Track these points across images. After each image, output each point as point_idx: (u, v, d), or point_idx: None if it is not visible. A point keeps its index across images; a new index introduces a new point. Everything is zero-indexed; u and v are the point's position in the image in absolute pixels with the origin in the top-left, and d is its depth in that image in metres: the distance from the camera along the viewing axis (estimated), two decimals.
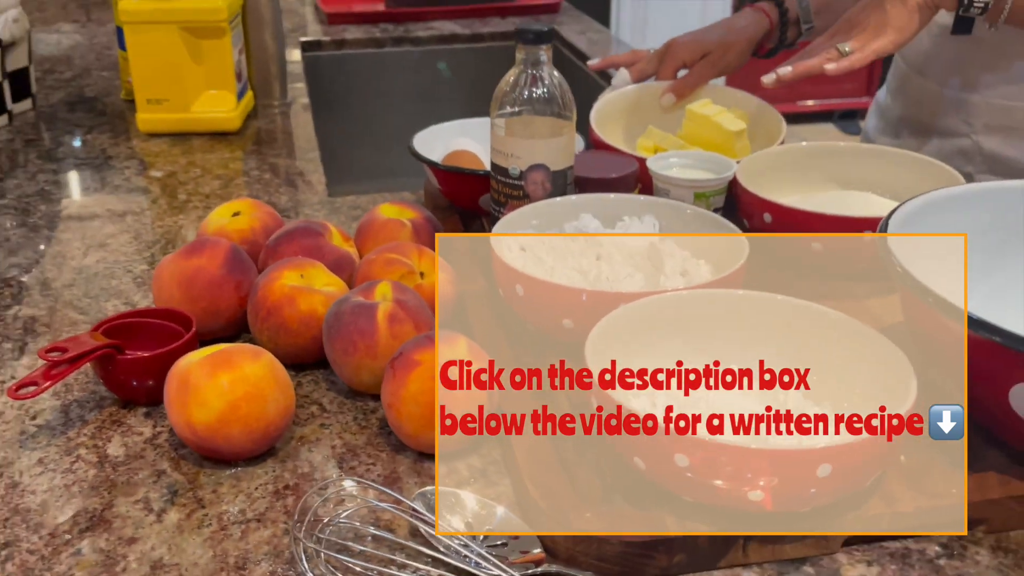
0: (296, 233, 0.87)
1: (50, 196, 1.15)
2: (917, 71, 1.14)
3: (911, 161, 0.97)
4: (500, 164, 0.89)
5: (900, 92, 1.19)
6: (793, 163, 1.00)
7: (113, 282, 0.95)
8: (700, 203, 0.93)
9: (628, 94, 1.16)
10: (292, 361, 0.80)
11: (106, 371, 0.75)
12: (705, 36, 1.14)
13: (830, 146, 1.02)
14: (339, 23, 1.92)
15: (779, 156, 1.00)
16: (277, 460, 0.71)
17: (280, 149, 1.32)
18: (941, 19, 1.09)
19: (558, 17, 1.99)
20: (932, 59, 1.11)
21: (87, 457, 0.71)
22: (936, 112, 1.11)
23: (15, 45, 1.34)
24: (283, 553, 0.62)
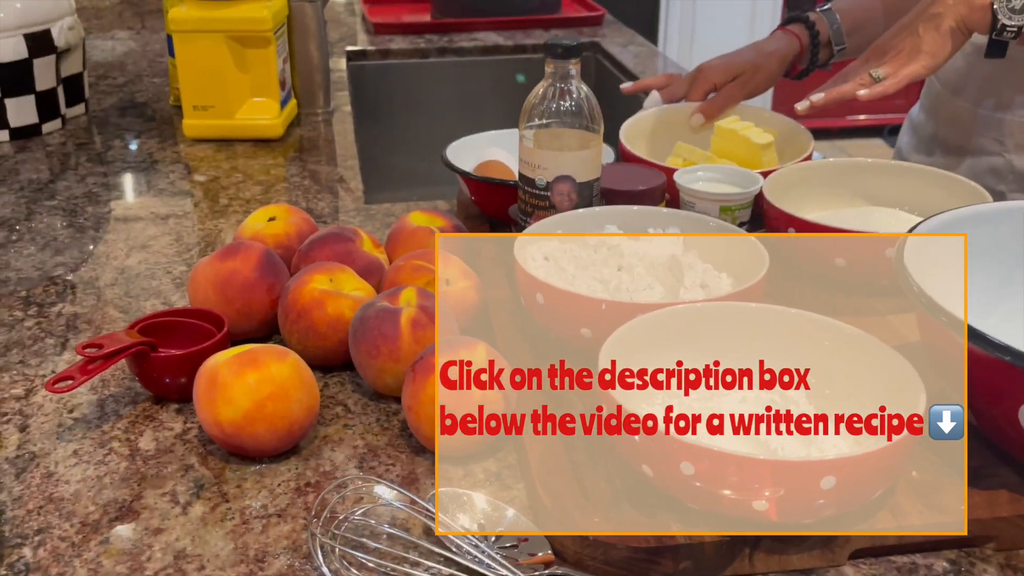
0: (328, 239, 0.89)
1: (98, 198, 1.19)
2: (951, 91, 1.14)
3: (938, 178, 0.97)
4: (527, 175, 0.91)
5: (933, 111, 1.19)
6: (821, 179, 1.01)
7: (153, 282, 0.98)
8: (726, 216, 0.94)
9: (658, 113, 1.17)
10: (320, 363, 0.83)
11: (140, 368, 0.78)
12: (735, 59, 1.15)
13: (858, 162, 1.02)
14: (385, 33, 1.96)
15: (806, 171, 1.01)
16: (300, 458, 0.73)
17: (321, 156, 1.35)
18: (976, 39, 1.08)
19: (601, 30, 2.00)
20: (966, 79, 1.11)
21: (119, 450, 0.73)
22: (970, 131, 1.11)
23: (70, 52, 1.39)
24: (301, 548, 0.64)
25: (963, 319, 0.63)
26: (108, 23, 2.01)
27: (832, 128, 4.32)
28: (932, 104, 1.19)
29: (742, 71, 1.13)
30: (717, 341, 0.72)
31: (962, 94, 1.12)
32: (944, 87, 1.15)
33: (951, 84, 1.14)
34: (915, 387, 0.63)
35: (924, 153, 1.19)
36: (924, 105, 1.22)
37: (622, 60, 1.79)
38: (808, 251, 0.91)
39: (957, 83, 1.13)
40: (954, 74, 1.13)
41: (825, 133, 4.31)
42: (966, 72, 1.11)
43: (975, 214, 0.78)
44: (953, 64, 1.12)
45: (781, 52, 1.14)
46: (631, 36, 1.96)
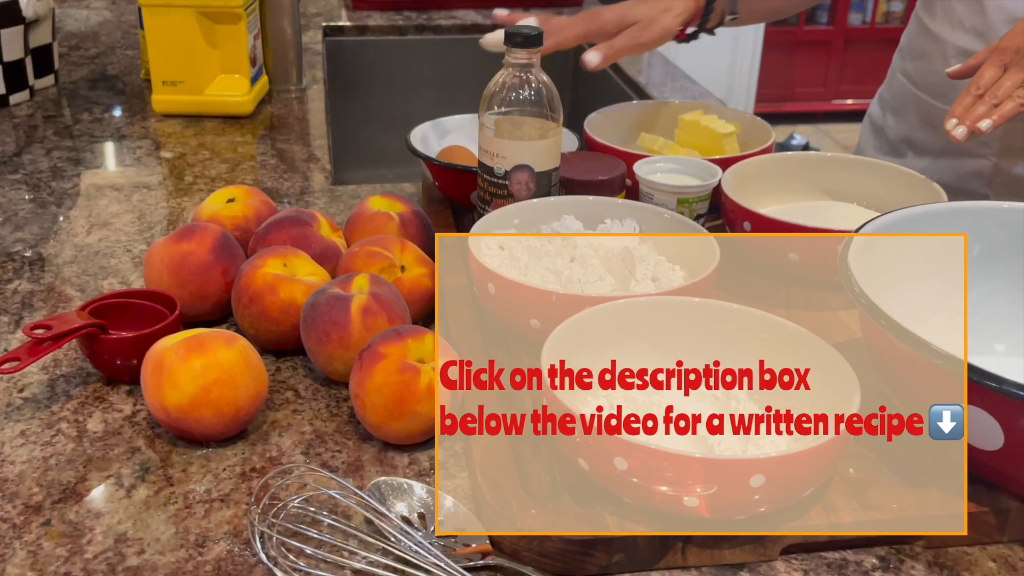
0: (285, 222, 0.89)
1: (62, 173, 1.18)
2: (931, 95, 1.12)
3: (897, 174, 0.98)
4: (486, 163, 0.91)
5: (903, 112, 1.18)
6: (780, 172, 1.01)
7: (112, 261, 0.98)
8: (683, 208, 0.94)
9: (625, 109, 1.16)
10: (272, 348, 0.83)
11: (91, 349, 0.78)
12: (630, 10, 1.06)
13: (817, 156, 1.03)
14: (364, 8, 1.95)
15: (766, 165, 1.01)
16: (248, 443, 0.73)
17: (290, 134, 1.35)
18: (960, 42, 1.08)
19: (579, 10, 2.00)
20: (950, 84, 1.08)
21: (67, 431, 0.74)
22: None
23: (38, 22, 1.38)
24: (242, 533, 0.65)
25: (900, 322, 0.63)
26: None
27: (817, 112, 4.33)
28: (903, 106, 1.18)
29: (636, 21, 1.05)
30: (661, 335, 0.73)
31: (944, 98, 1.10)
32: (921, 90, 1.14)
33: (931, 88, 1.12)
34: (851, 387, 0.64)
35: (893, 155, 1.18)
36: (892, 106, 1.20)
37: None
38: (762, 246, 0.91)
39: (938, 87, 1.11)
40: (935, 78, 1.11)
41: (809, 117, 4.32)
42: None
43: (924, 214, 0.78)
44: (932, 68, 1.11)
45: (678, 8, 1.06)
46: None
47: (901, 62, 1.20)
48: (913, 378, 0.65)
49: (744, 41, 3.85)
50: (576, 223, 0.89)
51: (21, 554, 0.62)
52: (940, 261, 0.79)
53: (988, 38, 1.05)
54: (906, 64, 1.18)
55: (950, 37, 1.10)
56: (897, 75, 1.20)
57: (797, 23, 4.15)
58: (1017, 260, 0.79)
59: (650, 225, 0.89)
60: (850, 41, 4.26)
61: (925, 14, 1.14)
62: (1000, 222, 0.79)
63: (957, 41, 1.09)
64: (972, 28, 1.07)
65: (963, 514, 0.64)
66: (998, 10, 1.04)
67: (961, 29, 1.08)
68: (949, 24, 1.10)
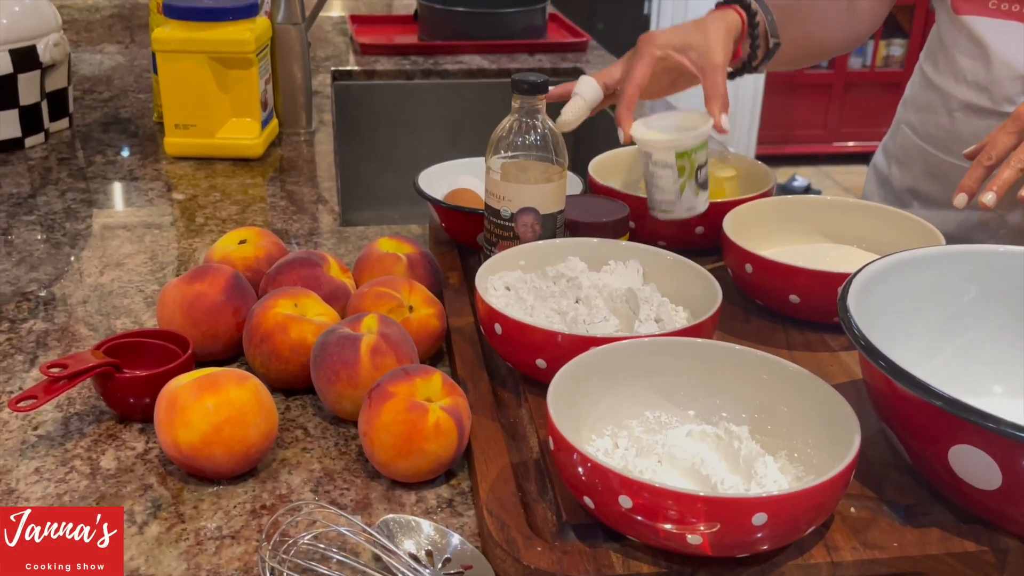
0: (295, 263, 0.91)
1: (76, 214, 1.21)
2: (935, 146, 1.13)
3: (896, 218, 1.00)
4: (493, 206, 0.93)
5: (909, 164, 1.18)
6: (781, 215, 1.03)
7: (125, 301, 1.00)
8: (683, 162, 0.93)
9: (628, 153, 1.18)
10: (283, 386, 0.84)
11: (105, 388, 0.79)
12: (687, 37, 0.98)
13: (817, 200, 1.05)
14: (372, 54, 1.98)
15: (767, 208, 1.03)
16: (258, 480, 0.75)
17: (300, 176, 1.37)
18: (965, 96, 1.08)
19: (585, 56, 2.03)
20: (954, 136, 1.10)
21: (81, 468, 0.75)
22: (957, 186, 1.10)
23: (55, 67, 1.41)
24: (252, 569, 0.66)
25: (903, 368, 0.65)
26: (97, 37, 2.03)
27: (818, 154, 4.37)
28: (908, 157, 1.18)
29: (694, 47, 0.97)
30: (664, 376, 0.74)
31: (949, 151, 1.10)
32: (927, 143, 1.14)
33: (935, 140, 1.13)
34: (851, 427, 0.65)
35: (899, 205, 1.17)
36: (897, 157, 1.20)
37: None
38: (763, 287, 0.93)
39: (943, 140, 1.11)
40: (939, 130, 1.12)
41: (811, 159, 4.35)
42: (952, 129, 1.10)
43: (922, 257, 0.80)
44: (936, 120, 1.12)
45: (725, 29, 0.99)
46: (612, 62, 1.99)
47: (905, 113, 1.20)
48: (912, 419, 0.66)
49: (745, 84, 3.90)
50: (580, 264, 0.90)
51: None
52: (937, 303, 0.80)
53: (992, 93, 1.06)
54: (910, 116, 1.18)
55: (954, 91, 1.10)
56: (902, 126, 1.20)
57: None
58: (1014, 302, 0.80)
59: (653, 266, 0.91)
60: (850, 84, 4.31)
61: (929, 66, 1.15)
62: (997, 266, 0.80)
63: (961, 95, 1.09)
64: (975, 82, 1.07)
65: (962, 553, 0.65)
66: (1003, 66, 1.04)
67: (965, 83, 1.08)
68: (953, 78, 1.10)
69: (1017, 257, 0.80)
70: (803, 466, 0.69)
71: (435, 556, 0.66)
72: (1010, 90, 1.04)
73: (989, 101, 1.06)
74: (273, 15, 1.46)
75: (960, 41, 1.08)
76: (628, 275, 0.90)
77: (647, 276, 0.90)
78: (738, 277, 0.96)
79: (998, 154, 0.85)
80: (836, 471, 0.60)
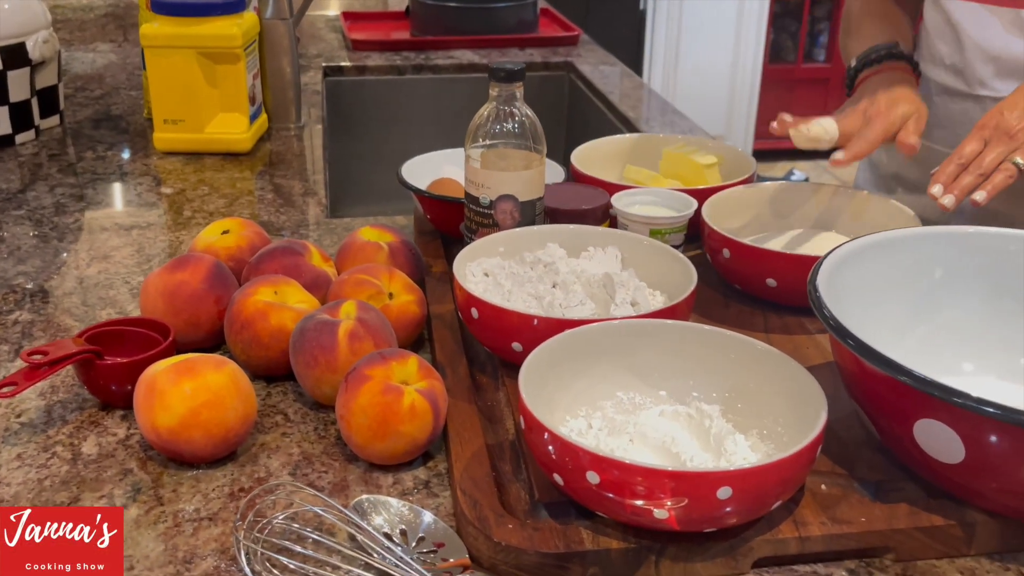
0: (277, 252, 0.92)
1: (65, 209, 1.22)
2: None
3: (876, 203, 1.00)
4: (472, 194, 0.94)
5: (893, 150, 1.18)
6: (761, 202, 1.04)
7: (111, 292, 1.01)
8: (656, 239, 0.96)
9: (611, 142, 1.19)
10: (264, 373, 0.85)
11: (87, 375, 0.80)
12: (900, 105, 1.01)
13: (796, 186, 1.05)
14: (363, 50, 1.99)
15: (747, 195, 1.04)
16: (237, 464, 0.76)
17: (288, 170, 1.38)
18: (942, 79, 1.10)
19: (576, 50, 2.04)
20: (932, 120, 1.09)
21: (62, 454, 0.76)
22: None
23: (45, 64, 1.42)
24: (229, 550, 0.67)
25: (872, 347, 0.65)
26: (91, 35, 2.04)
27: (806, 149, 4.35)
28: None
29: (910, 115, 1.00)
30: (636, 357, 0.75)
31: (929, 135, 1.11)
32: None
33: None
34: (818, 403, 0.66)
35: (886, 191, 1.19)
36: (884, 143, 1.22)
37: (592, 79, 1.83)
38: (741, 272, 0.94)
39: (929, 131, 1.10)
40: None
41: (809, 153, 4.34)
42: (933, 116, 1.10)
43: (892, 239, 0.81)
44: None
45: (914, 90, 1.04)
46: (603, 56, 2.00)
47: None
48: (878, 395, 0.67)
49: (742, 78, 3.90)
50: (560, 251, 0.91)
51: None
52: (909, 284, 0.81)
53: (967, 76, 1.07)
54: None
55: (932, 74, 1.12)
56: None
57: (795, 61, 4.19)
58: (984, 283, 0.81)
59: (632, 252, 0.91)
60: None
61: (916, 53, 1.16)
62: (967, 246, 0.81)
63: (939, 79, 1.11)
64: (952, 66, 1.09)
65: (929, 527, 0.65)
66: (975, 48, 1.05)
67: (942, 67, 1.10)
68: (932, 61, 1.12)
69: (987, 237, 0.81)
70: (774, 444, 0.70)
71: (408, 535, 0.67)
72: (983, 72, 1.05)
73: (964, 84, 1.07)
74: (261, 10, 1.47)
75: (938, 24, 1.09)
76: (607, 261, 0.91)
77: (625, 262, 0.91)
78: (716, 262, 0.96)
79: (968, 156, 0.90)
80: (801, 445, 0.61)
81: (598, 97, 1.78)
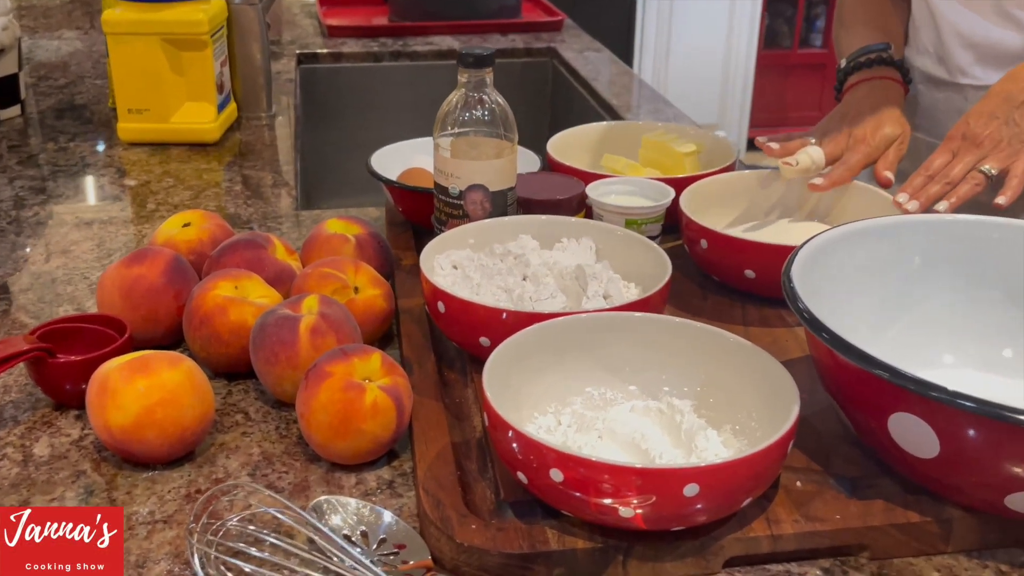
0: (239, 245, 0.89)
1: (24, 202, 1.18)
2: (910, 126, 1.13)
3: (858, 191, 0.98)
4: (442, 184, 0.91)
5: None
6: (741, 191, 1.02)
7: (69, 288, 0.98)
8: (632, 229, 0.94)
9: (589, 130, 1.17)
10: (224, 370, 0.83)
11: (39, 374, 0.78)
12: (884, 128, 1.00)
13: (776, 174, 1.03)
14: (339, 36, 1.96)
15: (726, 183, 1.01)
16: (194, 465, 0.73)
17: (258, 161, 1.35)
18: (925, 67, 1.09)
19: (560, 35, 2.01)
20: (916, 109, 1.10)
21: (12, 456, 0.73)
22: None
23: (4, 52, 1.39)
24: (183, 554, 0.64)
25: (841, 335, 0.63)
26: (56, 23, 2.00)
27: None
28: None
29: (895, 138, 1.00)
30: (606, 351, 0.73)
31: (920, 128, 1.10)
32: None
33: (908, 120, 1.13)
34: (791, 398, 0.64)
35: (875, 181, 1.18)
36: None
37: (576, 66, 1.80)
38: (719, 263, 0.91)
39: (908, 114, 1.09)
40: (908, 104, 1.10)
41: None
42: (915, 102, 1.10)
43: (865, 229, 0.79)
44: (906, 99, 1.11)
45: (900, 109, 1.02)
46: (589, 42, 1.97)
47: None
48: (852, 388, 0.65)
49: (736, 65, 3.84)
50: (532, 242, 0.89)
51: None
52: (888, 274, 0.79)
53: (948, 64, 1.06)
54: None
55: (917, 62, 1.11)
56: None
57: (791, 46, 4.13)
58: (965, 272, 0.79)
59: (606, 243, 0.89)
60: None
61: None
62: (947, 234, 0.79)
63: (921, 66, 1.10)
64: (934, 53, 1.08)
65: (905, 524, 0.64)
66: (952, 34, 1.05)
67: (925, 54, 1.09)
68: (916, 50, 1.11)
69: (967, 225, 0.79)
70: (747, 439, 0.68)
71: (369, 537, 0.65)
72: (962, 60, 1.04)
73: (945, 72, 1.06)
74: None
75: (922, 11, 1.08)
76: (580, 252, 0.88)
77: (600, 253, 0.89)
78: (694, 253, 0.94)
79: (936, 168, 0.91)
80: (770, 441, 0.59)
81: (582, 84, 1.75)
